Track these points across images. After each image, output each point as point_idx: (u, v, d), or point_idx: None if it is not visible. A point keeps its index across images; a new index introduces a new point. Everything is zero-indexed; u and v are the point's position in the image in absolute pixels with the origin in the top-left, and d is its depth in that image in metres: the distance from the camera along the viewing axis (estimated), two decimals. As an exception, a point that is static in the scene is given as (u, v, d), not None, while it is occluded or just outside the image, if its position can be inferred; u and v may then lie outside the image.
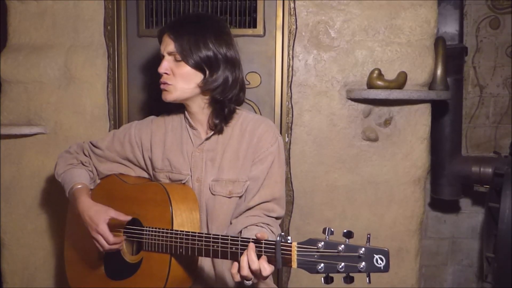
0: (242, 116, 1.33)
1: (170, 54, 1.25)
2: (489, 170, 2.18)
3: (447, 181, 2.28)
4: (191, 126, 1.33)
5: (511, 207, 1.88)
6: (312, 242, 0.93)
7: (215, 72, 1.25)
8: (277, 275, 1.80)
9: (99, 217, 1.22)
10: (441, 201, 2.42)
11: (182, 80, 1.25)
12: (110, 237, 1.22)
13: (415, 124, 1.75)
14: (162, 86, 1.28)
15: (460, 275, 2.61)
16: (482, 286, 2.58)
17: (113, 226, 1.25)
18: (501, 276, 1.92)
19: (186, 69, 1.24)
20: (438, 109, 2.17)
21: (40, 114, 1.81)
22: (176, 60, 1.25)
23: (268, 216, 1.28)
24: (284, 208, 1.33)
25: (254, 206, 1.27)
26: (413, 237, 1.79)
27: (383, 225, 1.78)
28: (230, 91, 1.27)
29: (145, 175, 1.41)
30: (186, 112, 1.34)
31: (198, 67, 1.24)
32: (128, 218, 1.25)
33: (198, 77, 1.25)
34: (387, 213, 1.78)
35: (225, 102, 1.27)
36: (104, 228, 1.21)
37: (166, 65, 1.25)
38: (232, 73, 1.27)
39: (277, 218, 1.30)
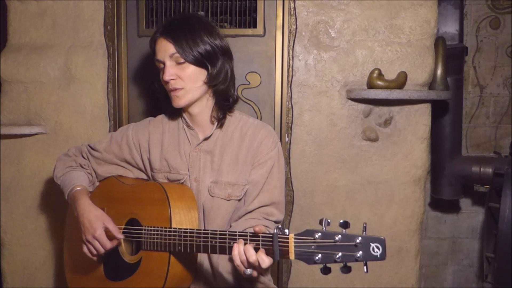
0: (243, 121, 1.34)
1: (171, 56, 1.24)
2: (489, 170, 2.18)
3: (447, 181, 2.28)
4: (188, 126, 1.33)
5: (511, 207, 1.88)
6: (309, 233, 0.93)
7: (216, 65, 1.27)
8: (277, 275, 1.80)
9: (98, 222, 1.22)
10: (441, 201, 2.42)
11: (190, 81, 1.25)
12: (108, 243, 1.21)
13: (415, 124, 1.75)
14: (173, 93, 1.26)
15: (460, 275, 2.61)
16: (482, 286, 2.58)
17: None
18: (501, 276, 1.92)
19: (191, 68, 1.25)
20: (438, 109, 2.17)
21: (40, 114, 1.81)
22: (178, 63, 1.24)
23: (267, 219, 1.28)
24: (283, 212, 1.34)
25: (253, 210, 1.27)
26: (413, 237, 1.79)
27: (383, 225, 1.78)
28: (231, 80, 1.31)
29: (144, 176, 1.42)
30: (183, 113, 1.35)
31: (200, 63, 1.25)
32: (121, 236, 1.24)
33: (202, 74, 1.26)
34: (387, 213, 1.78)
35: (228, 92, 1.30)
36: (102, 234, 1.21)
37: (171, 71, 1.24)
38: (229, 63, 1.31)
39: (276, 222, 1.30)
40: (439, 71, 1.80)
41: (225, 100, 1.31)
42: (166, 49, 1.25)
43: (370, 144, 1.76)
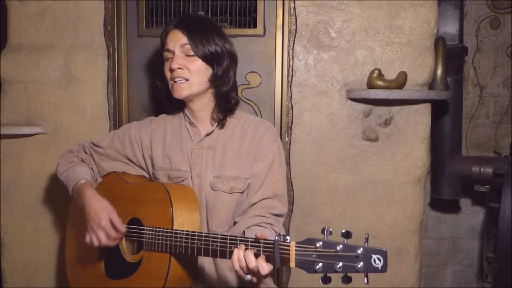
0: (244, 118, 1.38)
1: (182, 46, 1.27)
2: (489, 170, 2.18)
3: (447, 181, 2.28)
4: (191, 123, 1.35)
5: (511, 207, 1.88)
6: (311, 241, 0.93)
7: (222, 66, 1.30)
8: (277, 275, 1.80)
9: (104, 213, 1.22)
10: (441, 201, 2.42)
11: (197, 74, 1.28)
12: (113, 233, 1.22)
13: (415, 124, 1.75)
14: (178, 83, 1.28)
15: (460, 275, 2.61)
16: (482, 286, 2.58)
17: None
18: (501, 276, 1.92)
19: (199, 62, 1.28)
20: (438, 109, 2.17)
21: (40, 114, 1.81)
22: (187, 55, 1.27)
23: (271, 214, 1.29)
24: (287, 206, 1.35)
25: (257, 202, 1.28)
26: (413, 237, 1.79)
27: (383, 225, 1.78)
28: (233, 85, 1.35)
29: (145, 174, 1.43)
30: (186, 110, 1.36)
31: (208, 60, 1.28)
32: (124, 229, 1.24)
33: (208, 71, 1.30)
34: (387, 213, 1.78)
35: (229, 94, 1.33)
36: (107, 224, 1.22)
37: (180, 61, 1.27)
38: (233, 68, 1.35)
39: (279, 215, 1.32)
40: (439, 71, 1.80)
41: (226, 102, 1.34)
42: (178, 39, 1.28)
43: (370, 144, 1.76)
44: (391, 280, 1.81)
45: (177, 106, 1.39)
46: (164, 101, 1.41)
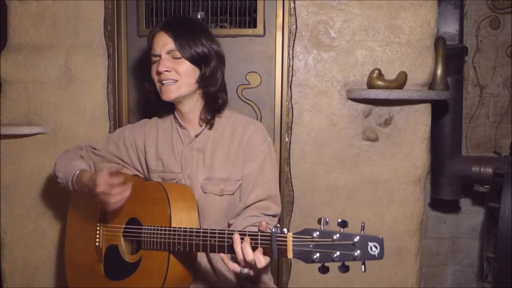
0: (233, 118, 1.38)
1: (169, 52, 1.27)
2: (489, 170, 2.18)
3: (447, 181, 2.28)
4: (180, 126, 1.36)
5: (511, 207, 1.88)
6: (307, 232, 0.93)
7: (209, 67, 1.30)
8: (277, 275, 1.80)
9: (97, 179, 1.20)
10: (441, 201, 2.42)
11: (185, 75, 1.28)
12: (113, 180, 1.20)
13: (415, 124, 1.75)
14: (166, 85, 1.28)
15: (460, 275, 2.61)
16: (482, 286, 2.58)
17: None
18: (501, 276, 1.92)
19: (186, 64, 1.27)
20: (438, 109, 2.17)
21: (40, 114, 1.81)
22: (174, 58, 1.27)
23: (265, 214, 1.29)
24: (280, 206, 1.35)
25: (251, 204, 1.28)
26: (413, 237, 1.79)
27: (383, 225, 1.78)
28: (222, 85, 1.35)
29: (141, 176, 1.45)
30: (175, 113, 1.37)
31: (195, 62, 1.28)
32: (118, 167, 1.24)
33: (196, 72, 1.30)
34: (387, 213, 1.78)
35: (217, 94, 1.33)
36: (102, 177, 1.19)
37: (167, 63, 1.27)
38: (221, 69, 1.35)
39: (274, 216, 1.32)
40: (439, 71, 1.80)
41: (214, 103, 1.34)
42: (164, 43, 1.27)
43: (370, 144, 1.76)
44: (391, 280, 1.81)
45: (167, 108, 1.39)
46: (154, 103, 1.41)
